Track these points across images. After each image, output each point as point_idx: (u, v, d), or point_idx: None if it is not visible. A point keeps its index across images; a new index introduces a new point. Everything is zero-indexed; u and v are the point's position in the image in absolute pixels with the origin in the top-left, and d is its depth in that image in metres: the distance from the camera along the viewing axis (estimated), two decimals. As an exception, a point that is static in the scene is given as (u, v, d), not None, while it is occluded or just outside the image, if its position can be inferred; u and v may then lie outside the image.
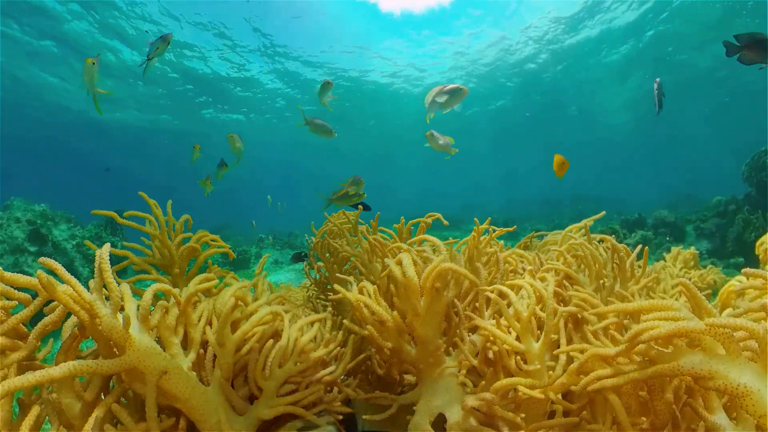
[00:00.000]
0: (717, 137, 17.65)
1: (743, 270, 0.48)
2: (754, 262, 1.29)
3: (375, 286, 0.71)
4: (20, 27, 7.14)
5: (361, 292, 0.71)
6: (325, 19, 8.26)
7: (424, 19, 8.73)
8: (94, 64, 1.64)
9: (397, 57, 10.02)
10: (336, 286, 0.72)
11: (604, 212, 0.97)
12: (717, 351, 0.44)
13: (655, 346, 0.49)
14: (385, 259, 0.65)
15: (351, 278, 0.82)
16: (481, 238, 0.83)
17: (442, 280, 0.65)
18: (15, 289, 0.53)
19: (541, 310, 0.66)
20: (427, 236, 0.74)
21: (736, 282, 1.01)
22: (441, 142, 1.71)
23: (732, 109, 13.67)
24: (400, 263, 0.65)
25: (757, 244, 1.19)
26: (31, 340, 0.54)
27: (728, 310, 0.76)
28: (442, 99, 1.50)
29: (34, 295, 0.54)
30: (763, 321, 0.47)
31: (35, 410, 0.53)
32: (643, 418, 0.57)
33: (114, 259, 0.58)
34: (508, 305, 0.68)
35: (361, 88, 11.35)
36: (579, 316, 0.71)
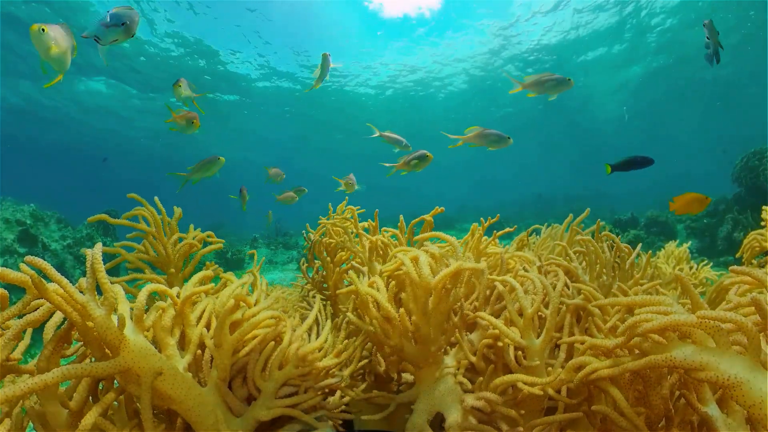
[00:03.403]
0: (708, 139, 17.92)
1: (730, 267, 0.50)
2: (742, 260, 1.31)
3: (392, 282, 0.71)
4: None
5: (371, 286, 0.70)
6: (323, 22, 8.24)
7: (419, 22, 8.76)
8: (44, 31, 0.99)
9: (395, 60, 10.05)
10: (351, 273, 0.71)
11: (588, 210, 0.98)
12: (707, 344, 0.45)
13: (649, 339, 0.51)
14: (400, 255, 0.64)
15: (365, 269, 0.81)
16: (482, 239, 0.83)
17: (454, 280, 0.65)
18: (3, 286, 0.51)
19: (545, 306, 0.66)
20: (440, 234, 0.73)
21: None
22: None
23: (723, 111, 13.90)
24: (416, 260, 0.64)
25: (743, 244, 1.21)
26: (9, 340, 0.51)
27: (715, 297, 0.77)
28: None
29: (11, 291, 0.52)
30: (752, 315, 0.49)
31: (6, 423, 0.51)
32: (643, 409, 0.57)
33: (107, 258, 0.56)
34: (513, 300, 0.68)
35: (358, 87, 11.35)
36: (580, 312, 0.71)
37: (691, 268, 1.47)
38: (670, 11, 8.08)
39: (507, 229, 0.90)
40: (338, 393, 0.77)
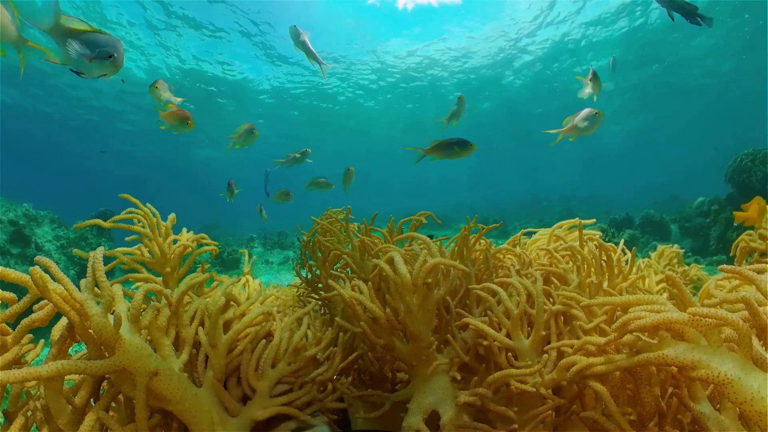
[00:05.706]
0: (701, 140, 18.09)
1: (719, 266, 0.50)
2: (734, 259, 1.33)
3: (369, 283, 0.72)
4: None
5: (353, 290, 0.71)
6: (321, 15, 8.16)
7: (419, 16, 8.75)
8: None
9: (394, 55, 10.02)
10: (330, 282, 0.72)
11: (594, 220, 1.00)
12: (700, 342, 0.46)
13: (642, 338, 0.51)
14: (374, 260, 0.66)
15: (343, 275, 0.83)
16: (470, 236, 0.85)
17: (433, 276, 0.66)
18: (2, 286, 0.52)
19: (530, 307, 0.67)
20: (416, 234, 0.75)
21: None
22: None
23: (716, 113, 14.04)
24: (390, 262, 0.66)
25: (733, 245, 1.23)
26: (18, 338, 0.52)
27: (705, 297, 0.78)
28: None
29: (20, 294, 0.53)
30: (741, 312, 0.50)
31: (20, 420, 0.52)
32: (631, 409, 0.58)
33: (103, 259, 0.57)
34: (498, 302, 0.69)
35: (354, 86, 11.33)
36: (568, 312, 0.72)
37: (683, 271, 1.48)
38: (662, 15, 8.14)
39: (494, 225, 0.91)
40: (330, 386, 0.78)
